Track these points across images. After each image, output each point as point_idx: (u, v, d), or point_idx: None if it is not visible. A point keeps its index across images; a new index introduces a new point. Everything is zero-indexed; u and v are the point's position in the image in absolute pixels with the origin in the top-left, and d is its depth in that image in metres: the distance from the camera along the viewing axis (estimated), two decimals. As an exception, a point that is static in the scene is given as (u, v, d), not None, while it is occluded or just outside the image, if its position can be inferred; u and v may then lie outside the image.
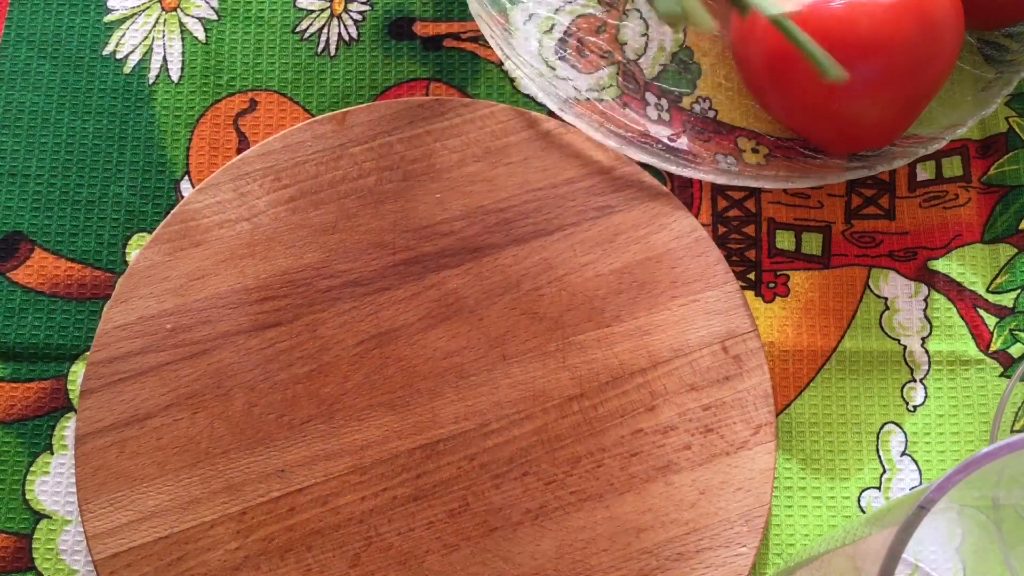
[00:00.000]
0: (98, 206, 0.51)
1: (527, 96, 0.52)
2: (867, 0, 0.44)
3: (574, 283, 0.48)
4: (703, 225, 0.50)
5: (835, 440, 0.47)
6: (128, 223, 0.50)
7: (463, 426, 0.46)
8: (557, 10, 0.54)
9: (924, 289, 0.49)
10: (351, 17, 0.53)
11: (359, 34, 0.53)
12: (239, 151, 0.51)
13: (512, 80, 0.52)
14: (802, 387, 0.48)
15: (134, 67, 0.52)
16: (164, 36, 0.53)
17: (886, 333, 0.48)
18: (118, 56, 0.53)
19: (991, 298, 0.49)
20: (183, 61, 0.53)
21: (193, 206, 0.49)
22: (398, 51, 0.53)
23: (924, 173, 0.51)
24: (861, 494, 0.46)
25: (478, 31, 0.53)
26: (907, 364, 0.48)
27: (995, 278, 0.49)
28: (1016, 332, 0.48)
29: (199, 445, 0.46)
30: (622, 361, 0.47)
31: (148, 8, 0.53)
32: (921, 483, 0.47)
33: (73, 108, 0.52)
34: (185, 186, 0.51)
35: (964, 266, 0.49)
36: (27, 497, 0.47)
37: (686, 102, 0.52)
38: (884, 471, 0.47)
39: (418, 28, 0.53)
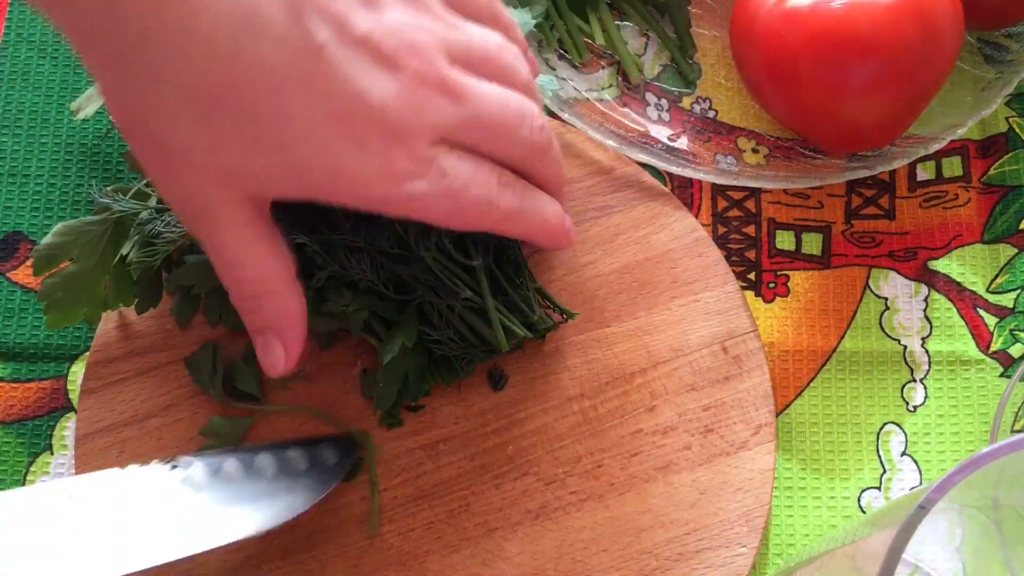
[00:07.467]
0: (98, 206, 0.51)
1: (527, 96, 0.52)
2: (867, 0, 0.44)
3: (574, 283, 0.48)
4: (703, 225, 0.50)
5: (835, 440, 0.47)
6: (128, 223, 0.50)
7: (463, 426, 0.46)
8: (557, 10, 0.54)
9: (924, 289, 0.49)
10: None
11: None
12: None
13: (512, 80, 0.52)
14: (802, 387, 0.48)
15: (134, 67, 0.52)
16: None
17: (886, 333, 0.48)
18: (118, 56, 0.53)
19: (991, 298, 0.49)
20: (183, 61, 0.52)
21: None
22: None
23: (924, 173, 0.51)
24: (861, 494, 0.46)
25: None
26: (907, 364, 0.48)
27: (995, 278, 0.49)
28: (1016, 332, 0.48)
29: (199, 445, 0.46)
30: (622, 361, 0.47)
31: (148, 8, 0.53)
32: (921, 483, 0.47)
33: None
34: (185, 186, 0.51)
35: (964, 266, 0.49)
36: (27, 497, 0.46)
37: (686, 102, 0.52)
38: (884, 471, 0.47)
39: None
